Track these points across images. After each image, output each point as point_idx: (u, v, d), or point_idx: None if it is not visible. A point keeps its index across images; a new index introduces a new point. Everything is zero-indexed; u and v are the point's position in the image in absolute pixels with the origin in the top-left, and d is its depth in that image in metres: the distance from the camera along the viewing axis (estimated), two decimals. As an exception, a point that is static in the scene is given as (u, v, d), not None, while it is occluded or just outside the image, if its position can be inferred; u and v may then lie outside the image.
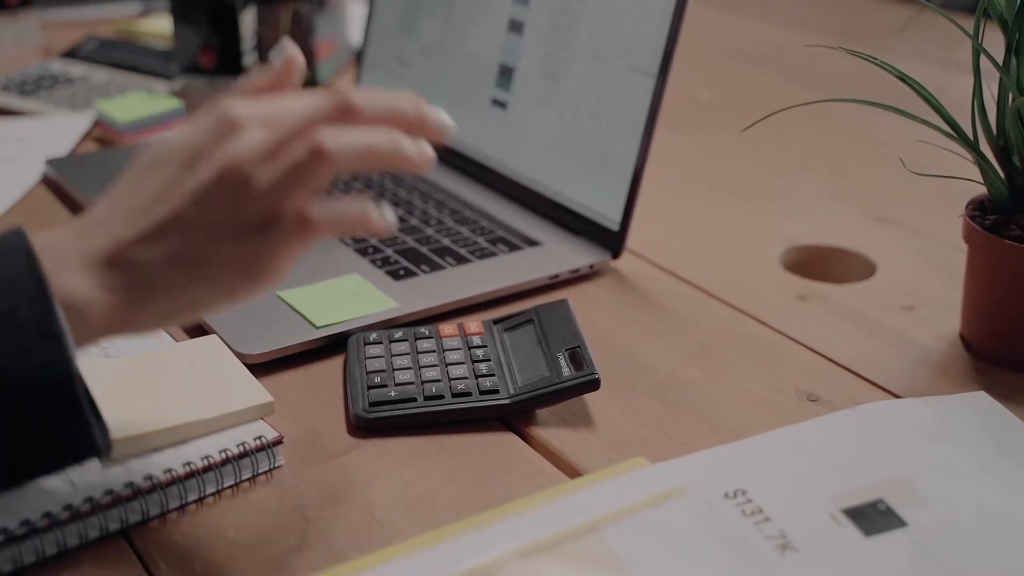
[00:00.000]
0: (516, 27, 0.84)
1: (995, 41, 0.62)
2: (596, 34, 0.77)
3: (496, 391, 0.59)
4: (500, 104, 0.86)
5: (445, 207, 0.83)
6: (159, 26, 1.27)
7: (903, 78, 0.62)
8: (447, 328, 0.64)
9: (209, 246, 0.46)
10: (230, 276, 0.47)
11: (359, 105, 0.47)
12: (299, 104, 0.47)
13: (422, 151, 0.48)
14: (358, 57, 1.04)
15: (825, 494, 0.50)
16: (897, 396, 0.62)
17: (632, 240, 0.76)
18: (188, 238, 0.46)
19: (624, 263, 0.77)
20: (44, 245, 0.45)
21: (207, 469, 0.52)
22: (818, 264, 0.80)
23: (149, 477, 0.50)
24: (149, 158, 0.48)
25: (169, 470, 0.51)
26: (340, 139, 0.46)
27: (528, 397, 0.58)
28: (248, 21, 1.00)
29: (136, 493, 0.50)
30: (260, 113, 0.47)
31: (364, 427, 0.57)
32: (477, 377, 0.59)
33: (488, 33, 0.87)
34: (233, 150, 0.45)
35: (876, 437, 0.55)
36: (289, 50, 0.50)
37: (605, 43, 0.76)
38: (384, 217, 0.48)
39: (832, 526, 0.48)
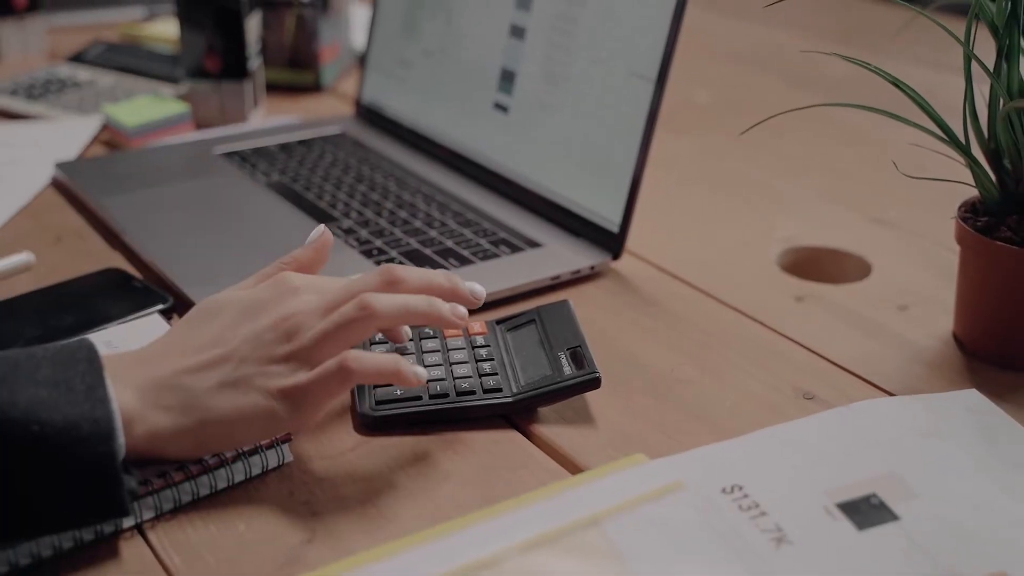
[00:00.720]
0: (518, 32, 0.86)
1: (987, 44, 0.63)
2: (596, 39, 0.78)
3: (499, 389, 0.60)
4: (502, 108, 0.87)
5: (448, 209, 0.84)
6: (164, 30, 1.28)
7: (896, 83, 0.64)
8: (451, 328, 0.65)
9: (258, 375, 0.52)
10: (273, 404, 0.51)
11: (402, 276, 0.55)
12: (349, 279, 0.56)
13: (456, 311, 0.56)
14: (361, 60, 1.06)
15: (820, 489, 0.52)
16: (891, 394, 0.63)
17: (632, 241, 0.78)
18: (240, 368, 0.52)
19: (624, 264, 0.79)
20: (105, 361, 0.49)
21: (219, 465, 0.53)
22: (815, 265, 0.82)
23: (163, 474, 0.52)
24: (208, 308, 0.55)
25: (182, 467, 0.52)
26: (384, 300, 0.54)
27: (531, 395, 0.59)
28: (253, 26, 1.02)
29: (151, 490, 0.51)
30: (315, 283, 0.56)
31: (370, 425, 0.59)
32: (481, 376, 0.61)
33: (490, 38, 0.88)
34: (291, 303, 0.54)
35: (869, 433, 0.56)
36: (323, 232, 0.60)
37: (605, 48, 0.78)
38: (415, 373, 0.54)
39: (826, 520, 0.50)
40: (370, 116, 1.03)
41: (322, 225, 0.60)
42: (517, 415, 0.61)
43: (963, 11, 0.63)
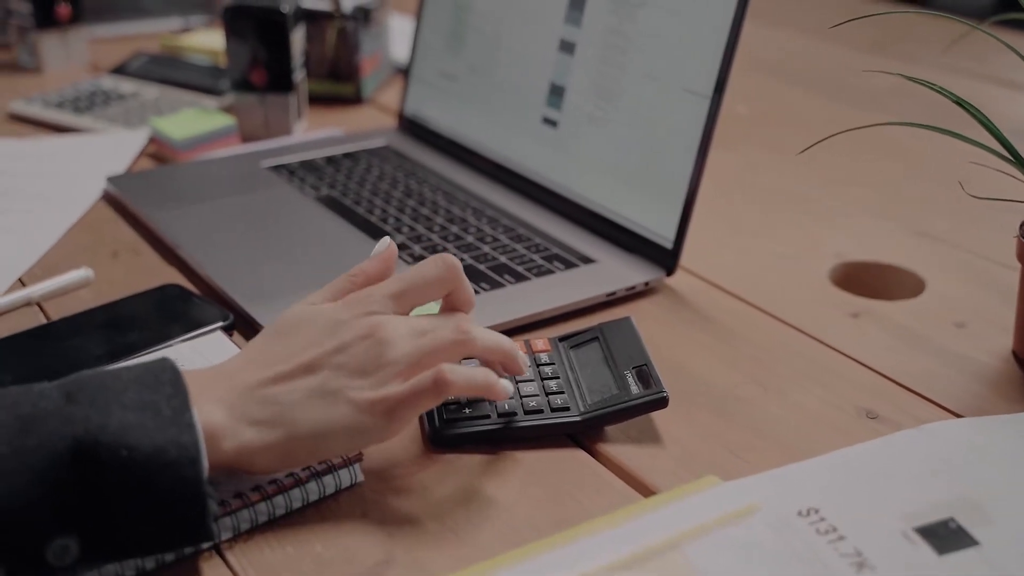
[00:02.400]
0: (567, 47, 0.86)
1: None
2: (649, 55, 0.79)
3: (567, 408, 0.60)
4: (551, 122, 0.88)
5: (499, 224, 0.84)
6: (203, 41, 1.29)
7: (960, 103, 0.64)
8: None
9: (348, 387, 0.52)
10: (363, 416, 0.52)
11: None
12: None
13: (506, 387, 0.56)
14: (402, 72, 1.06)
15: (896, 513, 0.52)
16: (954, 413, 0.63)
17: (683, 256, 0.78)
18: (329, 379, 0.52)
19: (676, 280, 0.79)
20: (188, 378, 0.50)
21: (294, 485, 0.53)
22: (867, 280, 0.82)
23: (239, 495, 0.52)
24: (287, 323, 0.55)
25: (257, 487, 0.53)
26: (480, 328, 0.56)
27: (598, 414, 0.60)
28: (298, 38, 1.02)
29: (228, 511, 0.52)
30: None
31: (439, 442, 0.59)
32: (548, 394, 0.61)
33: (539, 53, 0.89)
34: (378, 319, 0.54)
35: (942, 456, 0.56)
36: (389, 244, 0.59)
37: (658, 64, 0.78)
38: (504, 387, 0.56)
39: (905, 544, 0.50)
40: (414, 128, 1.04)
41: (387, 237, 0.60)
42: (583, 434, 0.61)
43: (980, 14, 0.63)
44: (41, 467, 0.44)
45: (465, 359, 0.59)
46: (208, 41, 1.29)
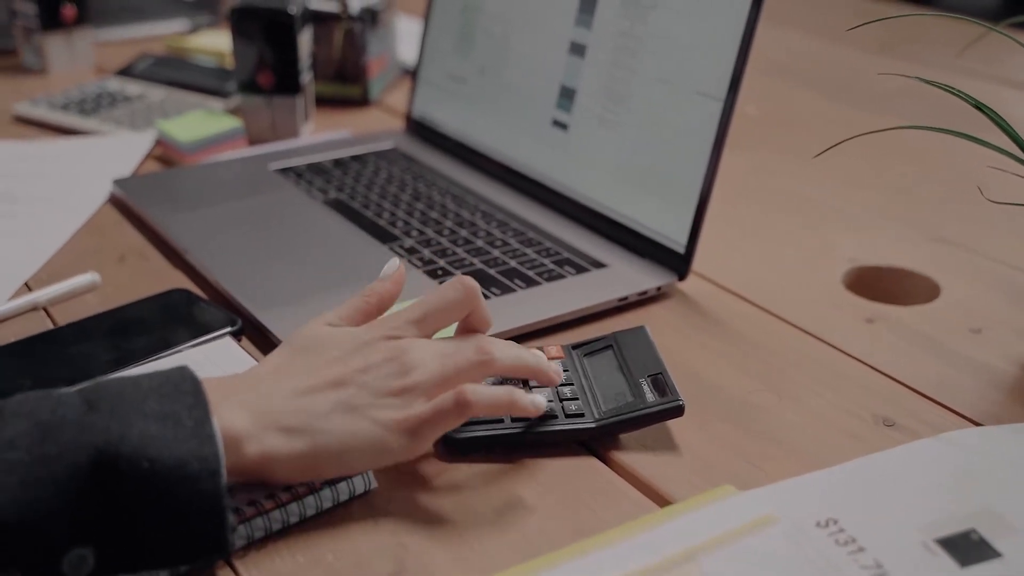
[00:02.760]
0: (578, 50, 0.85)
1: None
2: (661, 57, 0.78)
3: (582, 415, 0.59)
4: (561, 125, 0.87)
5: (508, 228, 0.84)
6: (208, 43, 1.28)
7: (979, 107, 0.63)
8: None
9: (374, 406, 0.52)
10: (387, 435, 0.52)
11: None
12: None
13: (534, 402, 0.55)
14: (412, 74, 1.05)
15: (916, 523, 0.51)
16: (971, 421, 0.63)
17: (694, 260, 0.77)
18: (357, 394, 0.52)
19: (688, 284, 0.78)
20: (209, 385, 0.49)
21: (308, 493, 0.53)
22: (881, 285, 0.81)
23: (253, 503, 0.51)
24: (308, 341, 0.55)
25: (271, 495, 0.52)
26: (502, 348, 0.56)
27: (613, 421, 0.59)
28: (306, 40, 1.02)
29: (242, 519, 0.51)
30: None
31: (452, 447, 0.58)
32: (562, 400, 0.60)
33: (549, 55, 0.88)
34: (403, 342, 0.55)
35: (962, 465, 0.56)
36: (398, 267, 0.60)
37: (670, 66, 0.77)
38: (532, 402, 0.55)
39: (927, 556, 0.49)
40: (421, 131, 1.03)
41: (396, 259, 0.61)
42: (597, 441, 0.60)
43: (990, 15, 0.62)
44: (61, 477, 0.44)
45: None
46: (213, 42, 1.28)
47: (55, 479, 0.44)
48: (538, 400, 0.56)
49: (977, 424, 0.62)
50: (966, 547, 0.49)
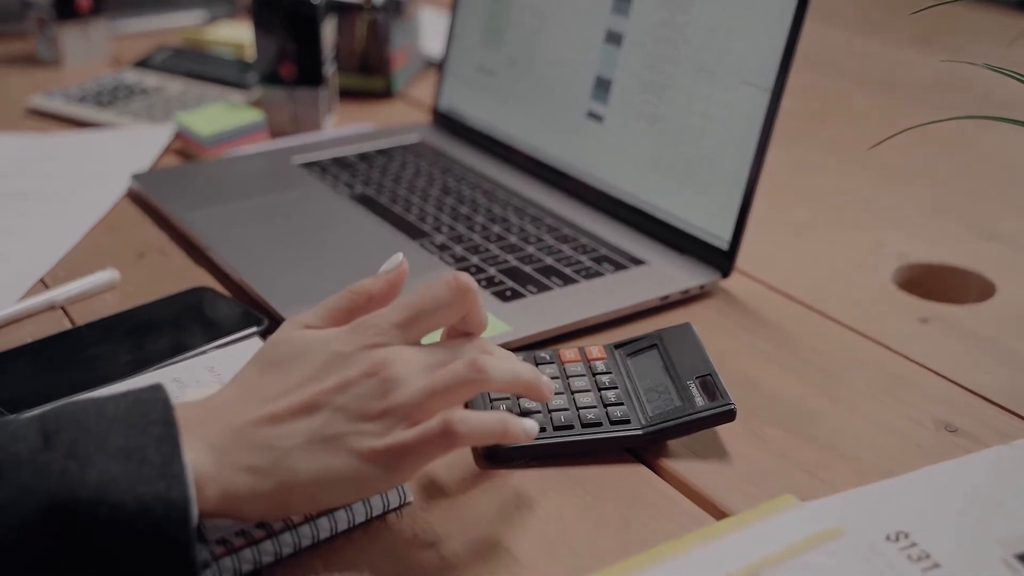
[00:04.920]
0: (614, 38, 0.82)
1: None
2: (703, 47, 0.74)
3: (627, 421, 0.56)
4: (596, 117, 0.84)
5: (542, 223, 0.80)
6: (227, 34, 1.25)
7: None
8: (568, 353, 0.61)
9: (351, 434, 0.46)
10: (365, 467, 0.46)
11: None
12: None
13: (525, 427, 0.49)
14: (438, 67, 1.02)
15: (993, 537, 0.48)
16: (1040, 427, 0.59)
17: (738, 258, 0.73)
18: (330, 423, 0.46)
19: (732, 282, 0.75)
20: (178, 414, 0.44)
21: (339, 507, 0.50)
22: (933, 283, 0.77)
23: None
24: (281, 351, 0.49)
25: (302, 507, 0.49)
26: (497, 364, 0.49)
27: (661, 428, 0.56)
28: (329, 32, 0.99)
29: (269, 534, 0.48)
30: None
31: (493, 458, 0.55)
32: (606, 406, 0.57)
33: (583, 44, 0.84)
34: (385, 352, 0.48)
35: (1039, 475, 0.52)
36: (400, 263, 0.53)
37: (713, 56, 0.74)
38: (524, 428, 0.49)
39: (1007, 574, 0.46)
40: (448, 124, 1.00)
41: (399, 254, 0.54)
42: (645, 448, 0.57)
43: (1016, 4, 0.58)
44: (15, 524, 0.40)
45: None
46: (231, 34, 1.25)
47: (7, 527, 0.40)
48: (530, 426, 0.49)
49: (1046, 430, 0.59)
50: (1050, 565, 0.46)
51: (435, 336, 0.53)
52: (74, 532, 0.40)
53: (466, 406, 0.57)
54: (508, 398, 0.57)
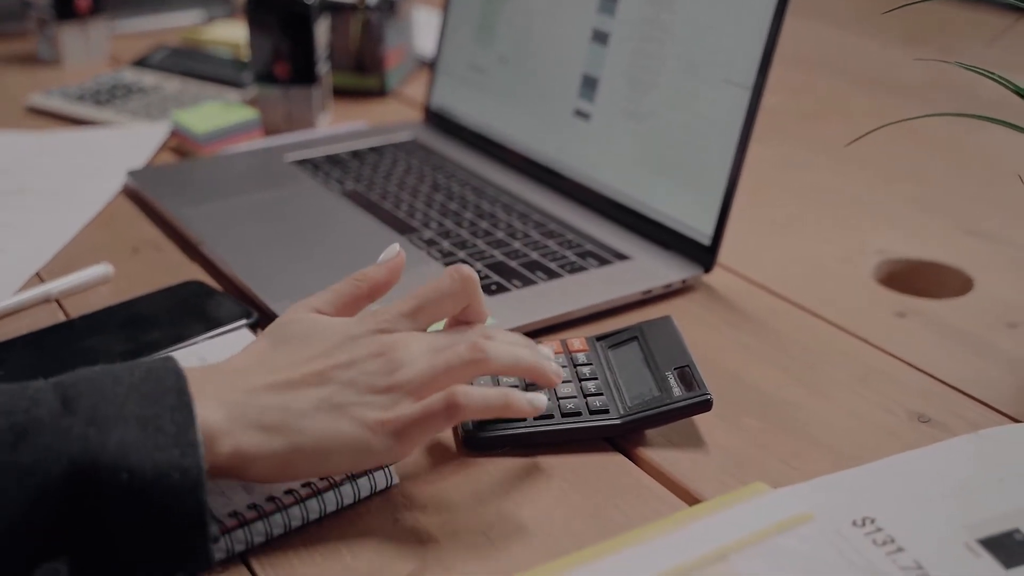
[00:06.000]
0: (600, 37, 0.83)
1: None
2: (687, 46, 0.76)
3: (606, 410, 0.58)
4: (583, 115, 0.85)
5: (529, 220, 0.82)
6: (224, 34, 1.27)
7: (1020, 92, 0.61)
8: (550, 345, 0.63)
9: (358, 404, 0.49)
10: (369, 436, 0.49)
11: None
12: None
13: (532, 402, 0.52)
14: (430, 65, 1.03)
15: (957, 523, 0.49)
16: (1010, 417, 0.61)
17: (720, 253, 0.75)
18: (340, 392, 0.49)
19: (715, 277, 0.76)
20: (190, 376, 0.46)
21: (328, 488, 0.51)
22: (912, 278, 0.79)
23: (271, 498, 0.50)
24: (292, 329, 0.52)
25: (291, 490, 0.50)
26: (497, 347, 0.53)
27: (639, 417, 0.57)
28: (323, 30, 1.00)
29: (260, 514, 0.49)
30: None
31: (474, 445, 0.57)
32: (586, 396, 0.59)
33: (570, 43, 0.86)
34: (392, 337, 0.52)
35: (1003, 462, 0.54)
36: (397, 252, 0.57)
37: (696, 55, 0.75)
38: (530, 401, 0.52)
39: (969, 557, 0.47)
40: (440, 122, 1.01)
41: (396, 244, 0.57)
42: (623, 437, 0.58)
43: (1008, 5, 0.59)
44: (35, 487, 0.41)
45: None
46: (228, 34, 1.27)
47: (28, 489, 0.41)
48: (537, 399, 0.52)
49: (1016, 421, 0.60)
50: (1010, 547, 0.47)
51: (439, 327, 0.57)
52: (94, 495, 0.42)
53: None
54: (517, 384, 0.59)
